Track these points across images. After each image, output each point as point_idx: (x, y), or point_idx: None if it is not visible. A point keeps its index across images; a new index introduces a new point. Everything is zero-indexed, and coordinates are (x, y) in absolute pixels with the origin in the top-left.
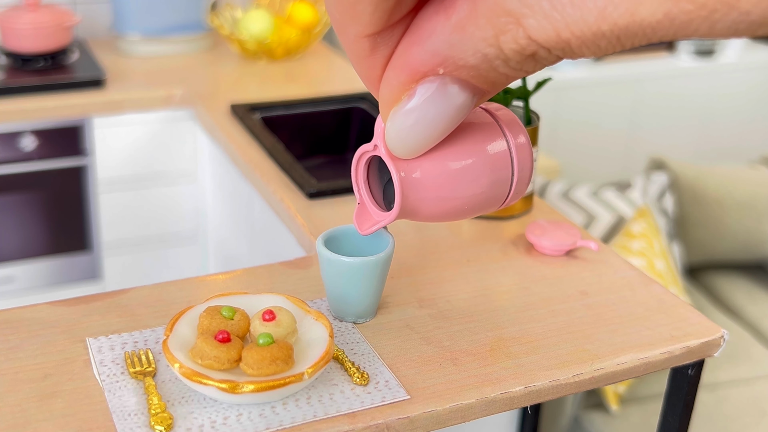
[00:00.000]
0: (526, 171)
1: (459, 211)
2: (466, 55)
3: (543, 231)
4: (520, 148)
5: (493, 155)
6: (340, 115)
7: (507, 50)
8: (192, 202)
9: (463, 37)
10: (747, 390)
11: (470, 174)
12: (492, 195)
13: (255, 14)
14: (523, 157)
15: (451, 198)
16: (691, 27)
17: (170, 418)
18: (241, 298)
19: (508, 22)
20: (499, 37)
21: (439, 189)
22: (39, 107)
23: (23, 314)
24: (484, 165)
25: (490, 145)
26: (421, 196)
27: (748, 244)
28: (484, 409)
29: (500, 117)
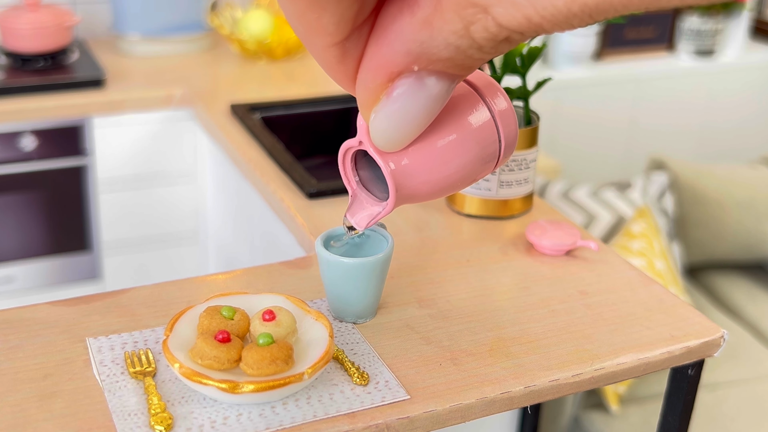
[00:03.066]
0: (512, 133)
1: (453, 184)
2: (439, 50)
3: (543, 231)
4: (503, 113)
5: (478, 126)
6: (340, 115)
7: (479, 39)
8: (192, 202)
9: (432, 34)
10: (747, 390)
11: (458, 149)
12: (483, 163)
13: (255, 14)
14: (506, 122)
15: (443, 176)
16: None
17: (170, 418)
18: (241, 298)
19: (476, 12)
20: (468, 28)
21: (430, 171)
22: (39, 107)
23: (23, 314)
24: (470, 137)
25: (472, 116)
26: (414, 182)
27: (748, 244)
28: (484, 409)
29: (477, 84)
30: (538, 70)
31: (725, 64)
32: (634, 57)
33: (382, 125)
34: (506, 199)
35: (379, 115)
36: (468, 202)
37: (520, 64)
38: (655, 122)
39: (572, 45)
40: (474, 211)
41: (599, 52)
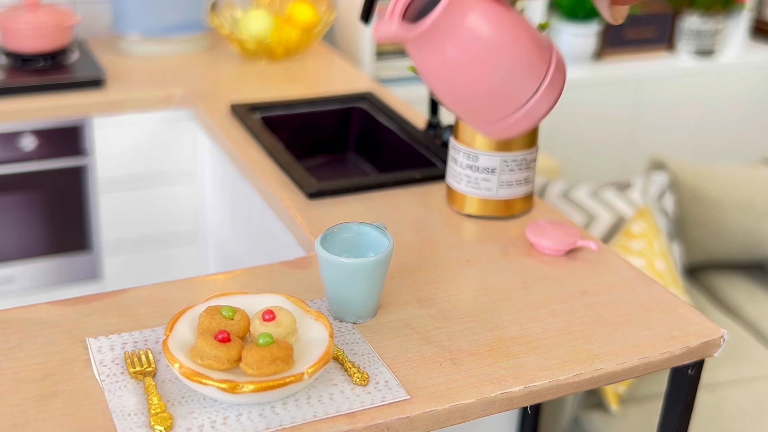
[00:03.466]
0: (562, 64)
1: (482, 75)
2: None
3: (543, 231)
4: (557, 72)
5: (534, 50)
6: (340, 115)
7: None
8: (192, 202)
9: None
10: (747, 390)
11: (509, 42)
12: (518, 80)
13: (255, 14)
14: (555, 82)
15: (483, 53)
16: None
17: (170, 418)
18: (241, 298)
19: None
20: None
21: (478, 35)
22: (39, 107)
23: (23, 314)
24: (524, 48)
25: (536, 48)
26: (459, 31)
27: (748, 244)
28: (484, 409)
29: (556, 54)
30: None
31: (725, 64)
32: (634, 57)
33: None
34: (506, 199)
35: None
36: (468, 202)
37: None
38: (655, 122)
39: (572, 45)
40: (474, 211)
41: (599, 52)
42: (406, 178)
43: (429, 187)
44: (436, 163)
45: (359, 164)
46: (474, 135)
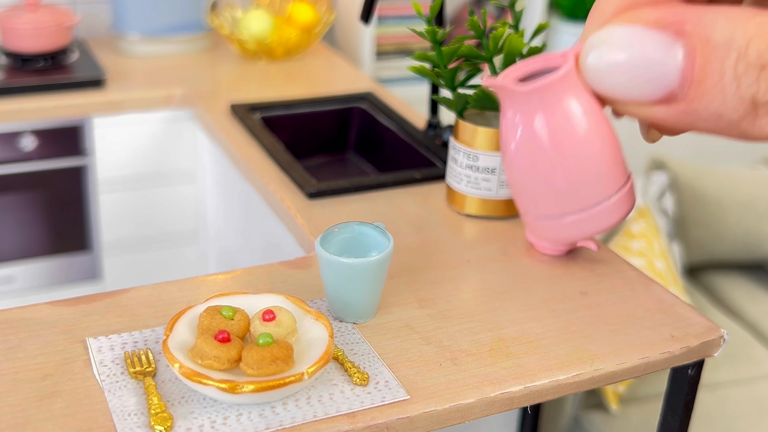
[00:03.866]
0: (623, 208)
1: (571, 156)
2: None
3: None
4: (631, 190)
5: (620, 156)
6: (340, 115)
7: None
8: (192, 202)
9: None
10: (747, 390)
11: (609, 134)
12: (601, 175)
13: (255, 14)
14: (629, 197)
15: (583, 134)
16: None
17: (170, 418)
18: (241, 298)
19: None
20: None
21: (587, 114)
22: (39, 107)
23: (23, 314)
24: (616, 148)
25: (621, 155)
26: (569, 102)
27: (748, 244)
28: (484, 409)
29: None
30: None
31: None
32: None
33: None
34: (506, 199)
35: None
36: (468, 202)
37: None
38: None
39: (572, 45)
40: (474, 211)
41: None
42: (406, 178)
43: (429, 187)
44: (436, 163)
45: (359, 164)
46: (474, 135)
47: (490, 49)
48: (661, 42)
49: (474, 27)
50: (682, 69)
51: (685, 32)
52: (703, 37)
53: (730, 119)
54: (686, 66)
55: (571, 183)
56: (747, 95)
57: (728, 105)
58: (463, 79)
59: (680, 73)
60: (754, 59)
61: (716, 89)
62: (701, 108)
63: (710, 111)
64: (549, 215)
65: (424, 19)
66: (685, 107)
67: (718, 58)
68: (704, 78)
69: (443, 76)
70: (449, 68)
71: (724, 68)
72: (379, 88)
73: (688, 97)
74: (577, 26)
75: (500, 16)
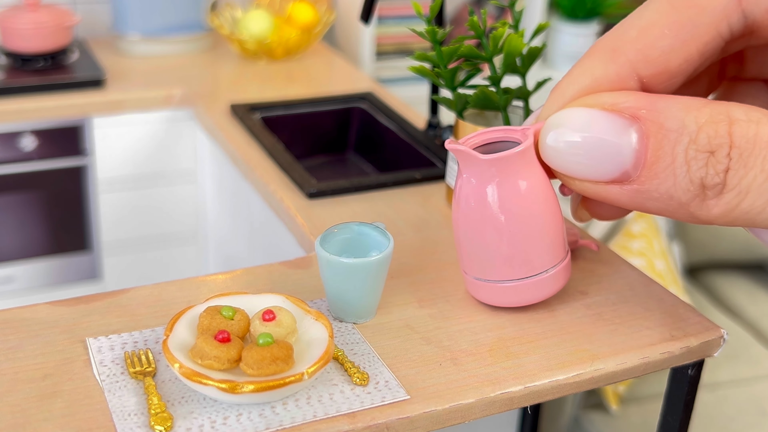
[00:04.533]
0: (558, 282)
1: (518, 226)
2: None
3: None
4: (568, 266)
5: (563, 234)
6: (340, 115)
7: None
8: (192, 202)
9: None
10: (747, 390)
11: (555, 211)
12: (545, 248)
13: (255, 14)
14: (565, 272)
15: (531, 207)
16: None
17: (170, 418)
18: (241, 298)
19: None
20: (701, 179)
21: (536, 189)
22: (39, 107)
23: (23, 314)
24: (560, 225)
25: (563, 234)
26: (521, 176)
27: (748, 244)
28: (484, 409)
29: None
30: (538, 70)
31: None
32: None
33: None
34: None
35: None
36: None
37: (520, 64)
38: None
39: (572, 45)
40: None
41: None
42: (406, 178)
43: (429, 187)
44: (436, 163)
45: (359, 164)
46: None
47: (490, 49)
48: (616, 125)
49: (474, 27)
50: (636, 151)
51: (639, 117)
52: (656, 122)
53: (680, 200)
54: (640, 148)
55: (515, 252)
56: (696, 178)
57: (679, 187)
58: (463, 79)
59: (634, 155)
60: (704, 145)
61: (668, 171)
62: (653, 188)
63: (661, 192)
64: (488, 278)
65: (424, 19)
66: (637, 187)
67: (670, 143)
68: (656, 160)
69: (443, 76)
70: (449, 68)
71: (675, 152)
72: (379, 88)
73: (640, 178)
74: (577, 26)
75: (500, 16)
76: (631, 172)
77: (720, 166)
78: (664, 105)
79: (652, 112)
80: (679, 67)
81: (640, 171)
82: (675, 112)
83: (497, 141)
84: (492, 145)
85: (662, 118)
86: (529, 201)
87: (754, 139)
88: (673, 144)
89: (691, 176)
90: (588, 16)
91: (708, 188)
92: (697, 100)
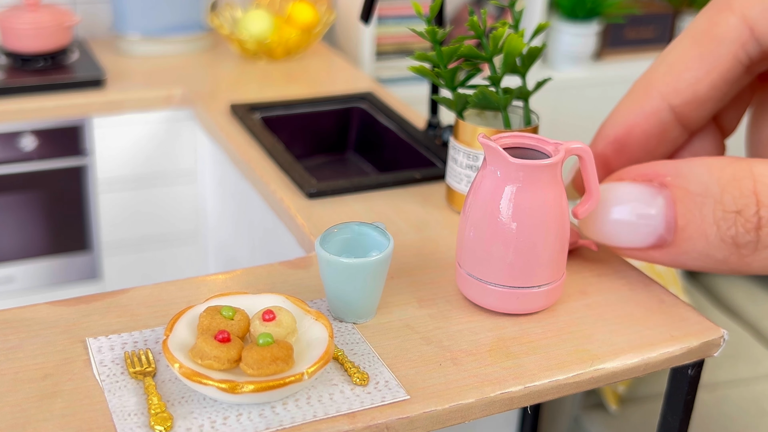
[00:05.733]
0: (553, 297)
1: (528, 235)
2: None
3: None
4: (561, 286)
5: (564, 254)
6: (340, 115)
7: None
8: (192, 202)
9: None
10: (747, 390)
11: (565, 230)
12: (549, 261)
13: (255, 14)
14: (558, 290)
15: (545, 219)
16: None
17: (170, 418)
18: (241, 298)
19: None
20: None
21: (552, 203)
22: (39, 107)
23: (23, 314)
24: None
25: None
26: (544, 188)
27: None
28: (484, 409)
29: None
30: (538, 70)
31: None
32: (634, 57)
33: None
34: None
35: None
36: None
37: (520, 64)
38: None
39: (572, 45)
40: None
41: (599, 52)
42: (406, 178)
43: (429, 187)
44: (436, 163)
45: (359, 164)
46: (474, 135)
47: (490, 49)
48: (646, 195)
49: (474, 27)
50: (666, 217)
51: (666, 184)
52: (682, 187)
53: (717, 258)
54: (669, 214)
55: (518, 258)
56: (727, 237)
57: (713, 246)
58: (463, 79)
59: (665, 221)
60: (729, 205)
61: (699, 233)
62: (689, 249)
63: (698, 251)
64: (482, 277)
65: (424, 19)
66: (675, 250)
67: (697, 206)
68: (687, 224)
69: (443, 76)
70: (449, 68)
71: (703, 214)
72: (379, 88)
73: (675, 242)
74: (577, 26)
75: (500, 16)
76: (666, 236)
77: (749, 225)
78: (687, 169)
79: (677, 177)
80: (707, 94)
81: (674, 235)
82: (698, 175)
83: (527, 147)
84: (521, 150)
85: (686, 182)
86: (545, 214)
87: None
88: (700, 207)
89: (722, 235)
90: (588, 16)
91: (741, 246)
92: (719, 160)
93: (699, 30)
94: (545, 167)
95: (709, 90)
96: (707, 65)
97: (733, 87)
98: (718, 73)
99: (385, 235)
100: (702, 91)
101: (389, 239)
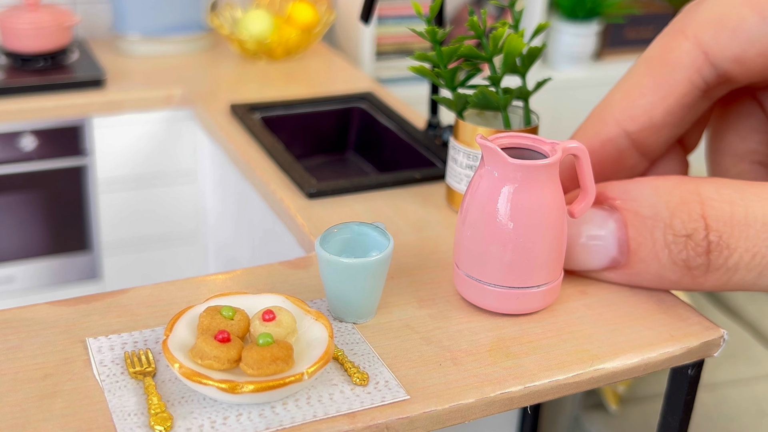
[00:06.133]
0: (550, 297)
1: (527, 234)
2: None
3: None
4: (558, 286)
5: (562, 254)
6: (340, 115)
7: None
8: (192, 202)
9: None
10: (747, 390)
11: (563, 229)
12: (546, 261)
13: (255, 14)
14: (555, 291)
15: (545, 217)
16: None
17: (170, 418)
18: (241, 298)
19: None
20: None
21: (554, 202)
22: (39, 107)
23: (23, 314)
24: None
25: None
26: (543, 187)
27: None
28: (484, 409)
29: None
30: (538, 70)
31: None
32: (634, 57)
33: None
34: None
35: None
36: None
37: (519, 64)
38: None
39: (572, 45)
40: None
41: (599, 52)
42: (406, 178)
43: (429, 187)
44: (436, 163)
45: (359, 164)
46: (474, 135)
47: (490, 49)
48: (596, 217)
49: (474, 27)
50: (618, 239)
51: (616, 207)
52: (631, 210)
53: (671, 279)
54: (621, 236)
55: (516, 258)
56: (679, 260)
57: (665, 268)
58: (463, 79)
59: (617, 243)
60: (679, 230)
61: (651, 256)
62: (643, 272)
63: (652, 273)
64: (480, 278)
65: (424, 19)
66: (629, 271)
67: (648, 229)
68: (639, 247)
69: (443, 76)
70: (449, 68)
71: (654, 237)
72: (379, 88)
73: (629, 264)
74: (577, 26)
75: (500, 16)
76: (620, 258)
77: (699, 249)
78: (637, 191)
79: (626, 201)
80: (663, 120)
81: (627, 257)
82: (647, 197)
83: (524, 147)
84: (518, 150)
85: (637, 205)
86: (543, 214)
87: (731, 220)
88: (651, 230)
89: (674, 258)
90: (588, 16)
91: (692, 269)
92: (667, 181)
93: (653, 56)
94: (543, 167)
95: (665, 116)
96: (662, 91)
97: (691, 112)
98: (674, 98)
99: (385, 235)
100: (657, 117)
101: (389, 239)
